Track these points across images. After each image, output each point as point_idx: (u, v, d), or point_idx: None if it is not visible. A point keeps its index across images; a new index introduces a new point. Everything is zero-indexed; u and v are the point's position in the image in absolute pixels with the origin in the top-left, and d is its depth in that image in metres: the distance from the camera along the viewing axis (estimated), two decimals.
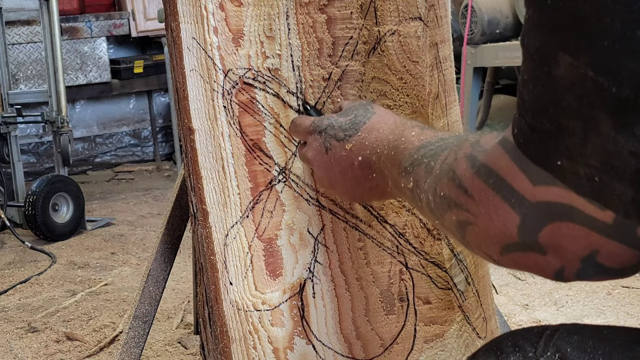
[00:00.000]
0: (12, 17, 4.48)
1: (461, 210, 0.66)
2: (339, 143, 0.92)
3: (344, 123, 0.94)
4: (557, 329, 0.73)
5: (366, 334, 1.12)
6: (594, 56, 0.51)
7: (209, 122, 1.09)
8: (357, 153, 0.90)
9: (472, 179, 0.65)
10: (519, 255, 0.63)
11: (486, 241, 0.65)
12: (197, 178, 1.10)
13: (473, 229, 0.66)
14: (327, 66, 1.10)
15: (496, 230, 0.63)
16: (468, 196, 0.65)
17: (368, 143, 0.89)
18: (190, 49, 1.08)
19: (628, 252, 0.59)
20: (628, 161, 0.51)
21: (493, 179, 0.63)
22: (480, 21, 3.55)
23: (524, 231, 0.61)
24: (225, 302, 1.09)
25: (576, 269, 0.61)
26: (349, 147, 0.91)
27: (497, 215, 0.62)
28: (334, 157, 0.93)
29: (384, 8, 1.08)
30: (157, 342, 2.26)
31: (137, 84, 5.11)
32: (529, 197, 0.60)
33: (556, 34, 0.53)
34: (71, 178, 3.73)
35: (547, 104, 0.55)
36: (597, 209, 0.56)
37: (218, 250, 1.09)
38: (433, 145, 0.77)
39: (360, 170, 0.90)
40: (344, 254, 1.12)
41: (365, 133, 0.91)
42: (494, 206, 0.62)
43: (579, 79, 0.52)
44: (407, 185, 0.78)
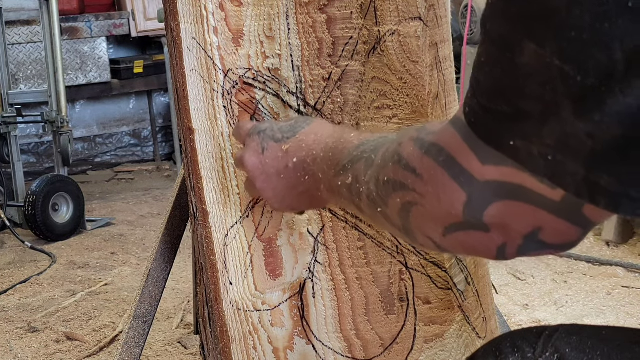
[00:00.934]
0: (12, 17, 4.48)
1: (407, 191, 0.66)
2: (276, 144, 0.92)
3: (284, 126, 0.94)
4: (556, 330, 0.73)
5: (366, 333, 1.12)
6: (561, 46, 0.52)
7: (209, 122, 1.09)
8: (293, 155, 0.89)
9: (421, 158, 0.65)
10: (461, 235, 0.63)
11: (430, 222, 0.65)
12: (197, 178, 1.10)
13: (418, 209, 0.66)
14: (327, 66, 1.10)
15: (443, 209, 0.63)
16: (416, 175, 0.65)
17: (305, 145, 0.88)
18: (190, 49, 1.08)
19: (571, 230, 0.61)
20: (584, 142, 0.52)
21: (443, 157, 0.63)
22: (480, 21, 3.55)
23: (470, 209, 0.61)
24: (225, 302, 1.09)
25: (517, 246, 0.62)
26: (285, 149, 0.90)
27: (445, 193, 0.63)
28: (269, 158, 0.92)
29: (384, 8, 1.08)
30: (157, 342, 2.26)
31: (137, 84, 5.11)
32: (477, 176, 0.61)
33: (523, 23, 0.54)
34: (71, 178, 3.73)
35: (506, 87, 0.56)
36: (547, 188, 0.57)
37: (218, 250, 1.09)
38: (372, 142, 0.77)
39: (293, 173, 0.89)
40: (344, 254, 1.12)
41: (303, 136, 0.90)
42: (443, 184, 0.63)
43: (544, 67, 0.53)
44: (345, 182, 0.77)
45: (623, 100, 0.50)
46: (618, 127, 0.51)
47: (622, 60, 0.50)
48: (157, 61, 5.04)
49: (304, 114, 1.10)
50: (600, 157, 0.52)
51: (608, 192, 0.53)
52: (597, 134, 0.52)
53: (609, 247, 2.85)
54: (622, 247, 2.84)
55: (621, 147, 0.51)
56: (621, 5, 0.49)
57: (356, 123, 1.11)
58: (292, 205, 0.95)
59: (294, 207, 0.96)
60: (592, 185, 0.53)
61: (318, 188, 0.86)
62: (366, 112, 1.10)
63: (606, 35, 0.50)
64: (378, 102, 1.10)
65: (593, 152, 0.52)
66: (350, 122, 1.11)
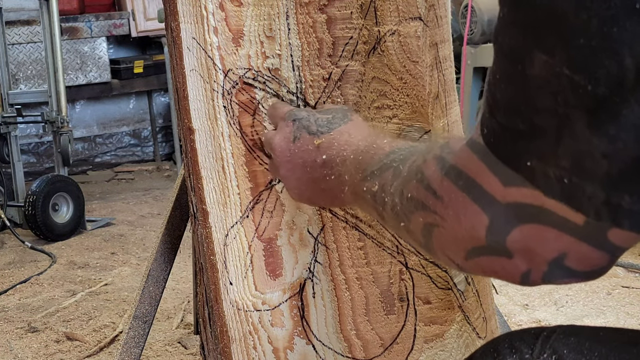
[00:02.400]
0: (12, 17, 4.48)
1: (429, 212, 0.65)
2: (309, 136, 0.91)
3: (320, 119, 0.93)
4: (554, 331, 0.73)
5: (366, 333, 1.12)
6: (569, 54, 0.50)
7: (209, 122, 1.09)
8: (324, 151, 0.89)
9: (441, 180, 0.64)
10: (484, 260, 0.62)
11: (452, 245, 0.64)
12: (197, 178, 1.10)
13: (440, 231, 0.64)
14: (327, 66, 1.10)
15: (464, 233, 0.62)
16: (436, 198, 0.64)
17: (337, 144, 0.88)
18: (190, 49, 1.08)
19: (597, 255, 0.58)
20: (600, 163, 0.50)
21: (463, 181, 0.61)
22: (480, 21, 3.55)
23: (493, 233, 0.60)
24: (225, 302, 1.09)
25: (542, 272, 0.60)
26: (317, 143, 0.90)
27: (466, 216, 0.61)
28: (299, 148, 0.91)
29: (384, 8, 1.08)
30: (157, 342, 2.26)
31: (137, 84, 5.11)
32: (499, 198, 0.59)
33: (531, 32, 0.53)
34: (71, 178, 3.73)
35: (520, 103, 0.54)
36: (569, 210, 0.55)
37: (218, 250, 1.09)
38: (403, 151, 0.76)
39: (320, 169, 0.89)
40: (344, 253, 1.12)
41: (337, 134, 0.90)
42: (464, 207, 0.61)
43: (554, 77, 0.51)
44: (370, 189, 0.76)
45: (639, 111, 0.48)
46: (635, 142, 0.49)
47: (632, 66, 0.48)
48: (157, 61, 5.04)
49: None
50: (618, 178, 0.50)
51: (631, 213, 0.51)
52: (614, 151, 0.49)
53: None
54: None
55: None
56: (629, 7, 0.47)
57: None
58: (312, 199, 0.94)
59: (313, 202, 0.95)
60: (614, 207, 0.51)
61: (342, 189, 0.85)
62: (366, 112, 1.10)
63: (615, 40, 0.48)
64: (378, 102, 1.10)
65: (610, 172, 0.50)
66: None
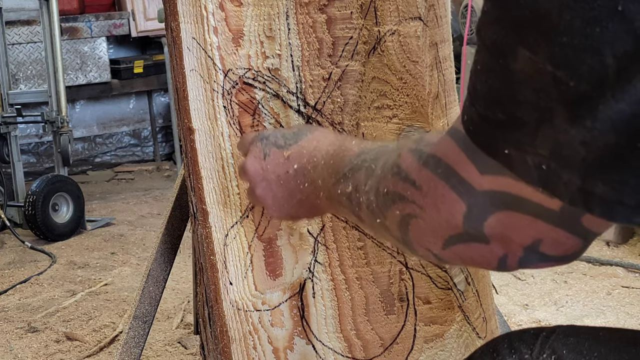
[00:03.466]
0: (12, 17, 4.48)
1: (406, 203, 0.66)
2: (278, 150, 0.92)
3: (287, 133, 0.94)
4: (553, 331, 0.73)
5: (366, 333, 1.12)
6: (553, 52, 0.51)
7: (209, 122, 1.09)
8: (294, 161, 0.89)
9: (419, 169, 0.65)
10: (461, 247, 0.63)
11: (430, 234, 0.65)
12: (197, 178, 1.10)
13: (417, 222, 0.65)
14: (327, 66, 1.10)
15: (442, 220, 0.63)
16: (415, 187, 0.65)
17: (306, 152, 0.88)
18: (190, 49, 1.08)
19: (571, 240, 0.60)
20: (577, 150, 0.52)
21: (441, 169, 0.62)
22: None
23: (470, 220, 0.61)
24: (225, 302, 1.09)
25: (518, 257, 0.61)
26: (286, 155, 0.90)
27: (445, 204, 0.62)
28: (270, 164, 0.92)
29: (384, 8, 1.08)
30: (157, 342, 2.26)
31: (137, 84, 5.11)
32: (476, 186, 0.60)
33: (515, 29, 0.54)
34: (71, 178, 3.73)
35: (501, 95, 0.56)
36: (546, 197, 0.57)
37: (218, 250, 1.09)
38: (373, 150, 0.77)
39: (294, 179, 0.89)
40: (344, 253, 1.12)
41: (305, 143, 0.90)
42: (442, 195, 0.62)
43: (537, 73, 0.53)
44: (345, 190, 0.77)
45: (615, 106, 0.49)
46: (611, 133, 0.50)
47: (613, 65, 0.49)
48: (157, 61, 5.04)
49: (304, 114, 1.10)
50: (594, 165, 0.52)
51: (603, 200, 0.52)
52: (590, 142, 0.51)
53: (609, 247, 2.85)
54: (622, 247, 2.84)
55: (615, 154, 0.51)
56: (611, 9, 0.49)
57: (356, 123, 1.11)
58: (291, 213, 0.94)
59: (292, 216, 0.95)
60: (587, 193, 0.53)
61: (317, 196, 0.85)
62: (366, 112, 1.10)
63: (597, 40, 0.49)
64: (378, 102, 1.10)
65: (586, 160, 0.52)
66: (350, 122, 1.11)
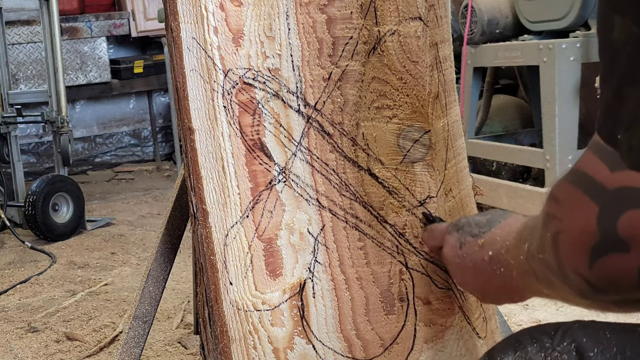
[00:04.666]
0: (12, 17, 4.48)
1: (553, 221, 0.66)
2: (473, 239, 0.94)
3: (480, 220, 0.96)
4: (574, 323, 0.74)
5: (366, 334, 1.12)
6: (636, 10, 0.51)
7: (209, 122, 1.09)
8: (488, 248, 0.91)
9: (560, 185, 0.65)
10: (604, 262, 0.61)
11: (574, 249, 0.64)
12: (197, 178, 1.10)
13: (563, 237, 0.65)
14: (327, 66, 1.10)
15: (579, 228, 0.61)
16: (556, 202, 0.65)
17: (499, 238, 0.89)
18: (190, 49, 1.08)
19: None
20: None
21: (577, 177, 0.62)
22: (480, 21, 3.55)
23: (602, 221, 0.59)
24: (225, 302, 1.09)
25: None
26: (481, 243, 0.92)
27: (579, 209, 0.61)
28: (466, 252, 0.94)
29: (384, 8, 1.08)
30: (157, 342, 2.26)
31: (137, 84, 5.11)
32: (607, 185, 0.59)
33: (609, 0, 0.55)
34: (71, 178, 3.73)
35: (609, 71, 0.55)
36: None
37: (218, 250, 1.09)
38: None
39: (489, 266, 0.90)
40: (344, 254, 1.12)
41: (498, 229, 0.91)
42: (576, 201, 0.62)
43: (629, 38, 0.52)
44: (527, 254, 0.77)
45: None
46: None
47: None
48: (157, 61, 5.05)
49: (304, 113, 1.10)
50: None
51: None
52: None
53: None
54: None
55: None
56: None
57: (356, 123, 1.11)
58: (493, 299, 0.96)
59: (495, 301, 0.97)
60: None
61: (512, 277, 0.85)
62: (366, 112, 1.10)
63: None
64: (378, 102, 1.10)
65: None
66: (350, 122, 1.11)
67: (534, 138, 3.87)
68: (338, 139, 1.11)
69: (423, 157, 1.11)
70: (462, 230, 0.97)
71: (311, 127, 1.11)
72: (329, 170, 1.11)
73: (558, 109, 3.13)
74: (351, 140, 1.11)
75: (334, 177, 1.11)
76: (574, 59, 3.11)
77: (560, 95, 3.12)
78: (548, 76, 3.15)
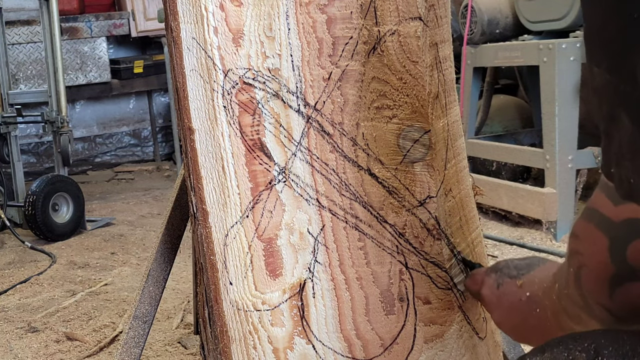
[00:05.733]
0: (12, 17, 4.48)
1: (575, 256, 0.71)
2: (511, 280, 0.97)
3: (519, 264, 0.99)
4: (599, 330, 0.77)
5: (366, 333, 1.12)
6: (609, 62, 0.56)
7: (209, 122, 1.09)
8: (526, 289, 0.94)
9: (578, 222, 0.70)
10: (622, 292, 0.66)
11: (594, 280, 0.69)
12: (197, 178, 1.10)
13: (585, 270, 0.70)
14: (327, 66, 1.10)
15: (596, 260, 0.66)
16: (576, 238, 0.70)
17: (537, 280, 0.92)
18: (190, 49, 1.08)
19: None
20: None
21: (590, 213, 0.68)
22: (480, 21, 3.55)
23: (613, 252, 0.64)
24: (225, 302, 1.09)
25: None
26: (519, 284, 0.95)
27: (595, 243, 0.66)
28: (504, 292, 0.97)
29: (383, 8, 1.08)
30: (157, 342, 2.26)
31: (137, 84, 5.11)
32: (613, 218, 0.64)
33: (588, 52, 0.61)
34: (71, 178, 3.73)
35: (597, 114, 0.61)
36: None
37: (218, 250, 1.09)
38: None
39: (526, 306, 0.93)
40: (343, 254, 1.12)
41: (538, 272, 0.94)
42: (591, 235, 0.67)
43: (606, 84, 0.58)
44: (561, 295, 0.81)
45: None
46: None
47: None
48: (157, 61, 5.05)
49: (304, 113, 1.10)
50: None
51: None
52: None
53: None
54: None
55: None
56: None
57: (356, 123, 1.11)
58: (527, 339, 0.98)
59: (528, 341, 0.99)
60: None
61: (546, 316, 0.88)
62: (366, 112, 1.10)
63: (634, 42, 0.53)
64: (378, 102, 1.10)
65: None
66: (350, 122, 1.11)
67: (534, 138, 3.87)
68: (338, 139, 1.11)
69: (423, 157, 1.11)
70: (500, 272, 1.00)
71: (311, 127, 1.11)
72: (329, 170, 1.11)
73: (558, 109, 3.13)
74: (351, 140, 1.11)
75: (334, 177, 1.11)
76: (574, 59, 3.12)
77: (560, 95, 3.12)
78: (548, 76, 3.15)
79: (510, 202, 3.38)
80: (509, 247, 3.11)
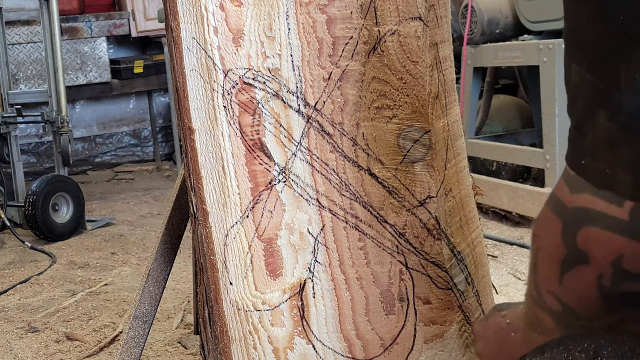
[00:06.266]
0: (12, 17, 4.48)
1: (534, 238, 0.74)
2: (499, 312, 1.01)
3: (513, 303, 1.02)
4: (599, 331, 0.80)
5: (366, 333, 1.12)
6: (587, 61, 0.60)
7: (209, 122, 1.09)
8: (508, 317, 0.98)
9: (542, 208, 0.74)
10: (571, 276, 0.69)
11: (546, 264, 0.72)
12: (197, 178, 1.10)
13: (540, 253, 0.73)
14: (327, 66, 1.10)
15: (549, 242, 0.70)
16: (536, 222, 0.74)
17: (520, 310, 0.96)
18: (190, 49, 1.08)
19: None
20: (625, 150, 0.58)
21: (550, 198, 0.71)
22: (480, 21, 3.55)
23: (565, 235, 0.68)
24: (225, 302, 1.09)
25: (610, 275, 0.67)
26: (503, 314, 0.99)
27: (549, 225, 0.70)
28: (490, 323, 1.01)
29: (384, 8, 1.08)
30: (157, 342, 2.26)
31: (137, 84, 5.11)
32: (567, 203, 0.68)
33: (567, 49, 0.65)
34: (71, 178, 3.73)
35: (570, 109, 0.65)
36: (616, 207, 0.63)
37: (218, 250, 1.09)
38: None
39: (505, 332, 0.97)
40: (344, 254, 1.12)
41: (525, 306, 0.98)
42: (547, 218, 0.71)
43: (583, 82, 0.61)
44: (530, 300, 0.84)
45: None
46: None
47: None
48: (157, 61, 5.05)
49: (304, 113, 1.10)
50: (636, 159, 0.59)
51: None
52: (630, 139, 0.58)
53: None
54: None
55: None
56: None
57: (356, 123, 1.11)
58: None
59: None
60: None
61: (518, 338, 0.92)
62: (366, 112, 1.10)
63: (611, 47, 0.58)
64: (378, 102, 1.10)
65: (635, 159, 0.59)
66: (350, 122, 1.11)
67: (534, 138, 3.87)
68: (338, 139, 1.11)
69: (423, 157, 1.11)
70: (494, 309, 1.04)
71: (311, 127, 1.11)
72: (329, 170, 1.11)
73: (558, 109, 3.13)
74: (351, 140, 1.11)
75: (334, 177, 1.11)
76: None
77: (560, 95, 3.12)
78: (548, 76, 3.15)
79: (511, 202, 3.38)
80: (509, 247, 3.11)
